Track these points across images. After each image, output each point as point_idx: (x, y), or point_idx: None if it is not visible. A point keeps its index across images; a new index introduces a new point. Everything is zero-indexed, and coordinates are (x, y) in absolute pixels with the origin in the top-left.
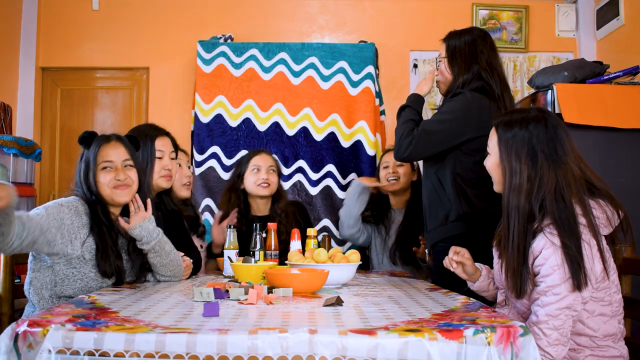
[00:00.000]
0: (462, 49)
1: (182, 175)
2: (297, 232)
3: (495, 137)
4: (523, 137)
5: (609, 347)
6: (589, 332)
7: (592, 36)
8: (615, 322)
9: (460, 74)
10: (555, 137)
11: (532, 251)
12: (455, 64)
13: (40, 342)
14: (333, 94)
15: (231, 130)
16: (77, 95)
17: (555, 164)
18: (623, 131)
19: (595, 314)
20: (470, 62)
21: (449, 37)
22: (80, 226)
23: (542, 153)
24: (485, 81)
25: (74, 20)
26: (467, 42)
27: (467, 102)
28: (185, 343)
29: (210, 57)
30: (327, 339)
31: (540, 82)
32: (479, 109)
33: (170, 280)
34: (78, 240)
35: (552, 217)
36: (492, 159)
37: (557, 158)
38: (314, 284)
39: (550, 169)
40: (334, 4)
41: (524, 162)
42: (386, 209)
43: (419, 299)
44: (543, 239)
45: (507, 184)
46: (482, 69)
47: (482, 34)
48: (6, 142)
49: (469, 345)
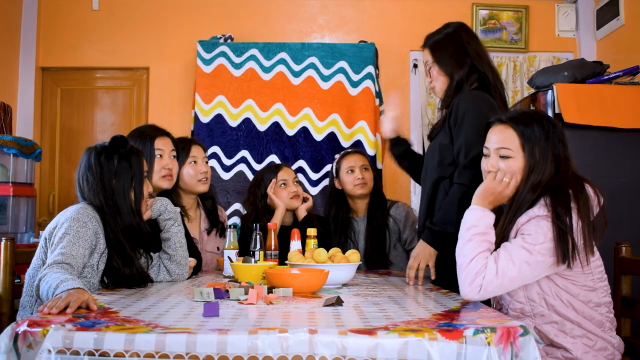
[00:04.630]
0: (447, 46)
1: (197, 171)
2: (297, 232)
3: (516, 135)
4: (542, 134)
5: (598, 338)
6: (574, 316)
7: (592, 36)
8: (604, 310)
9: (454, 73)
10: (563, 135)
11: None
12: (446, 64)
13: (40, 342)
14: (333, 94)
15: (231, 130)
16: (77, 95)
17: (567, 161)
18: (623, 131)
19: (580, 297)
20: (460, 56)
21: (429, 40)
22: (100, 236)
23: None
24: (480, 72)
25: (74, 20)
26: (450, 38)
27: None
28: (185, 343)
29: (210, 57)
30: (327, 339)
31: (540, 82)
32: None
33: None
34: (97, 251)
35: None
36: (518, 161)
37: (568, 156)
38: (314, 284)
39: (566, 166)
40: (334, 4)
41: (549, 161)
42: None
43: (419, 299)
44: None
45: (528, 183)
46: (473, 59)
47: (461, 25)
48: (6, 142)
49: (469, 345)
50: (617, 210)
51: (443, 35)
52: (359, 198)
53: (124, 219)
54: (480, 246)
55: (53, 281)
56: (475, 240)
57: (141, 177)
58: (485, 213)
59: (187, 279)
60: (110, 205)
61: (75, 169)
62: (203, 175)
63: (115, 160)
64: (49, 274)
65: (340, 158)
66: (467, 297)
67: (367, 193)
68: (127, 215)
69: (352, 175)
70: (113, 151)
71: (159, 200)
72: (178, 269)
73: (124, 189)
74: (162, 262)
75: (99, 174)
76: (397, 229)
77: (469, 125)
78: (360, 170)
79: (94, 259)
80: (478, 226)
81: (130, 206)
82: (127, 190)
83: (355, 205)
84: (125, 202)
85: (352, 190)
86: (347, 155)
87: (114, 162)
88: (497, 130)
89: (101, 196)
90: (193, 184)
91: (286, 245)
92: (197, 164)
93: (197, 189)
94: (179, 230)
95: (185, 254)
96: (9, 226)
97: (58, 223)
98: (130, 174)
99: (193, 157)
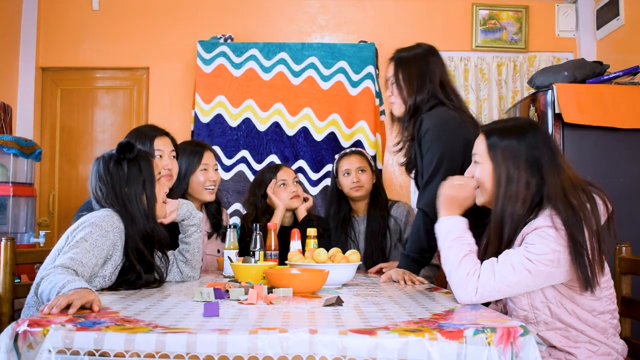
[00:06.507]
0: (411, 67)
1: (207, 178)
2: (297, 232)
3: (485, 146)
4: (520, 145)
5: (601, 343)
6: (577, 324)
7: (592, 36)
8: (607, 317)
9: (412, 96)
10: (552, 145)
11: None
12: (407, 85)
13: (40, 342)
14: (333, 94)
15: (231, 130)
16: (77, 95)
17: (557, 170)
18: (623, 131)
19: (584, 307)
20: (422, 80)
21: (396, 55)
22: (118, 247)
23: (544, 160)
24: (439, 100)
25: (74, 20)
26: (416, 60)
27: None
28: (186, 343)
29: (210, 57)
30: (327, 338)
31: (540, 82)
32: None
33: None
34: (112, 263)
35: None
36: (486, 168)
37: (558, 164)
38: (314, 284)
39: (554, 174)
40: (334, 4)
41: (522, 169)
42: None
43: (419, 299)
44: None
45: (502, 192)
46: (435, 86)
47: (431, 49)
48: (6, 142)
49: (469, 345)
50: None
51: (411, 55)
52: (358, 199)
53: (138, 225)
54: (461, 250)
55: (59, 281)
56: (455, 246)
57: (152, 180)
58: (455, 219)
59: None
60: (124, 213)
61: (75, 169)
62: (212, 184)
63: (125, 166)
64: (53, 274)
65: (339, 159)
66: (464, 302)
67: (363, 195)
68: (141, 220)
69: (349, 178)
70: (121, 158)
71: (184, 204)
72: (191, 272)
73: (136, 194)
74: (177, 263)
75: (110, 182)
76: (398, 229)
77: (426, 146)
78: (357, 173)
79: (106, 270)
80: (452, 232)
81: (144, 211)
82: (139, 195)
83: (355, 205)
84: (139, 208)
85: (348, 193)
86: (344, 156)
87: (123, 168)
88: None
89: (116, 205)
90: (200, 191)
91: (286, 245)
92: (207, 171)
93: (203, 197)
94: (199, 237)
95: (199, 257)
96: (9, 226)
97: (81, 224)
98: (141, 179)
99: (205, 165)
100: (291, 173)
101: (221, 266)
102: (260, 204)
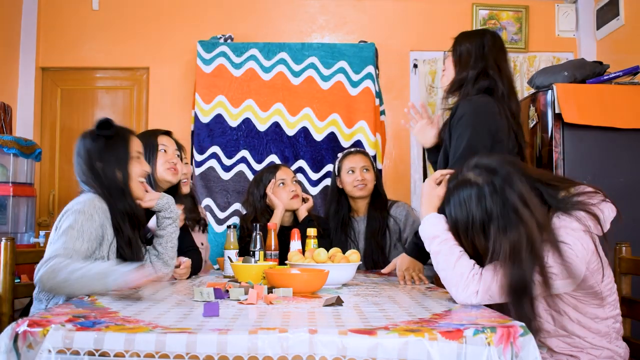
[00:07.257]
0: (469, 43)
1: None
2: (297, 232)
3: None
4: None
5: (604, 348)
6: (579, 331)
7: (592, 36)
8: (610, 322)
9: (463, 70)
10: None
11: None
12: (459, 58)
13: (40, 342)
14: (333, 94)
15: (231, 130)
16: (77, 95)
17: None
18: (623, 131)
19: (588, 315)
20: (476, 58)
21: (458, 37)
22: (107, 227)
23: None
24: (492, 79)
25: (74, 20)
26: (475, 37)
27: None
28: (185, 343)
29: (210, 57)
30: (327, 338)
31: (540, 82)
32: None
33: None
34: (105, 242)
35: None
36: None
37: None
38: (314, 284)
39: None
40: (334, 4)
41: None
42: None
43: (419, 299)
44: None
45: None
46: (488, 66)
47: (494, 33)
48: (6, 142)
49: (469, 345)
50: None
51: (472, 32)
52: (359, 198)
53: (117, 203)
54: (452, 252)
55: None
56: (444, 250)
57: (127, 156)
58: (438, 219)
59: (187, 279)
60: (102, 192)
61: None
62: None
63: (101, 142)
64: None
65: (343, 157)
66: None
67: (366, 194)
68: (119, 198)
69: (353, 176)
70: (99, 134)
71: (165, 196)
72: (164, 268)
73: (109, 169)
74: (150, 258)
75: (87, 158)
76: (398, 229)
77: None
78: (361, 172)
79: (103, 250)
80: (440, 236)
81: (119, 187)
82: (112, 170)
83: (356, 204)
84: (114, 184)
85: (351, 191)
86: (349, 155)
87: (99, 144)
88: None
89: (92, 181)
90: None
91: (286, 245)
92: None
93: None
94: (174, 231)
95: (173, 254)
96: (9, 226)
97: (65, 213)
98: (115, 154)
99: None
100: (290, 173)
101: (221, 266)
102: (259, 204)
